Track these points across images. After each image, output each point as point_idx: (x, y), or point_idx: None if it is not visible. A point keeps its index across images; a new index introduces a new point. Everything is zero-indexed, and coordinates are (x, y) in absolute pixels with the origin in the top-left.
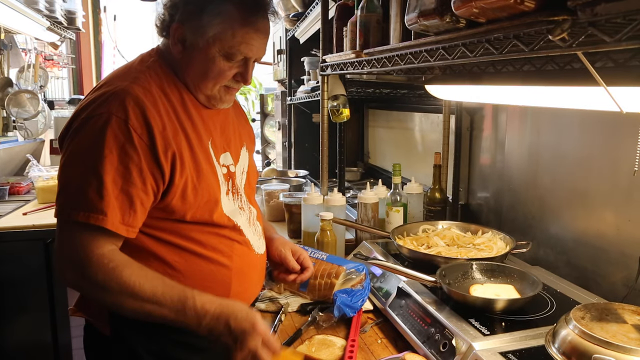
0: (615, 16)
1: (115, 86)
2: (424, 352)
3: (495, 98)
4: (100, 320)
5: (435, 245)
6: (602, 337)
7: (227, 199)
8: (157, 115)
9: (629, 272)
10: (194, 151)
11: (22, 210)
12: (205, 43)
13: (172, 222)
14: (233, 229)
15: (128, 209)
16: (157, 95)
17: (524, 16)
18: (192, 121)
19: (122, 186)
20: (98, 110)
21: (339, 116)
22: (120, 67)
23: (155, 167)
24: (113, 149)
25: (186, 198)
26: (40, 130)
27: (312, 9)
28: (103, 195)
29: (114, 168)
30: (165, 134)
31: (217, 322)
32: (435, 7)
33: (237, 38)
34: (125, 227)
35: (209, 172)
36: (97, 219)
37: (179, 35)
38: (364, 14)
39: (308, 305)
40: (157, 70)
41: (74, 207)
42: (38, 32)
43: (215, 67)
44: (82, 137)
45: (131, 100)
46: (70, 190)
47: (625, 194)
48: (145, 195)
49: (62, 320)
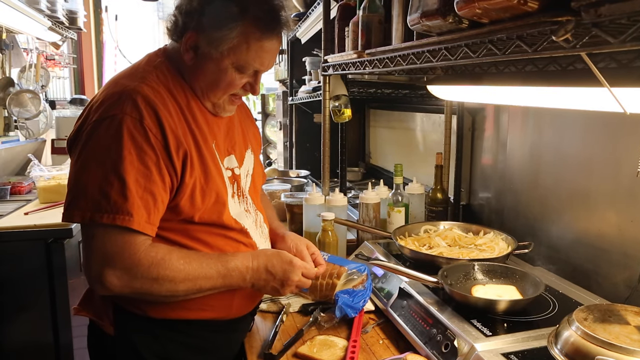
0: (620, 17)
1: (125, 86)
2: (425, 353)
3: (497, 98)
4: (104, 319)
5: (437, 246)
6: (605, 339)
7: (232, 201)
8: (168, 114)
9: (631, 273)
10: (202, 152)
11: (24, 210)
12: (220, 55)
13: (180, 223)
14: (240, 232)
15: (152, 207)
16: (165, 95)
17: (527, 17)
18: (198, 123)
19: (145, 185)
20: (111, 112)
21: (340, 116)
22: (126, 68)
23: (170, 166)
24: (132, 149)
25: (194, 199)
26: (41, 130)
27: (314, 9)
28: (127, 196)
29: (134, 168)
30: (177, 133)
31: (258, 273)
32: (437, 8)
33: (252, 53)
34: (151, 227)
35: (216, 174)
36: (124, 220)
37: (192, 43)
38: (365, 14)
39: (309, 306)
40: (164, 71)
41: (97, 209)
42: (39, 32)
43: (226, 78)
44: (97, 139)
45: (143, 100)
46: (90, 193)
47: (628, 195)
48: (165, 194)
49: (63, 321)
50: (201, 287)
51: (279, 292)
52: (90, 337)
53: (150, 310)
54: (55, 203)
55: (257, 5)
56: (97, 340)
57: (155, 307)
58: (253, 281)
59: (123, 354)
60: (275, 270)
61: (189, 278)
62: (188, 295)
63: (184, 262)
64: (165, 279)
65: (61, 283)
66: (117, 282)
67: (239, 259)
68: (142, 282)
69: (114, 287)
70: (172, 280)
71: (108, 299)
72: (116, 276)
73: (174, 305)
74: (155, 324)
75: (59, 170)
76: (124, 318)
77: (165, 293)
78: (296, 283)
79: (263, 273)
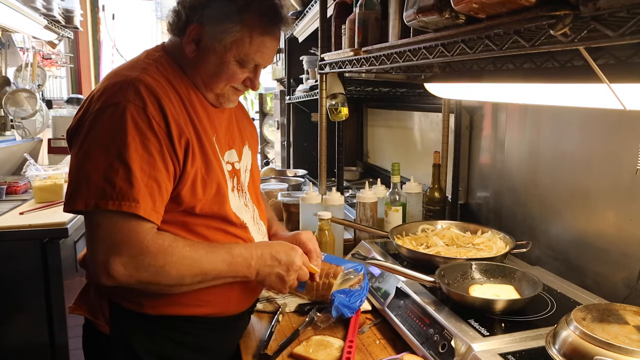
0: (619, 10)
1: (127, 76)
2: (422, 353)
3: (495, 96)
4: (99, 318)
5: (435, 245)
6: (604, 339)
7: (233, 195)
8: (170, 103)
9: (630, 272)
10: (202, 143)
11: (19, 209)
12: (222, 48)
13: (181, 215)
14: (240, 227)
15: (157, 195)
16: (166, 85)
17: (524, 11)
18: (198, 115)
19: (150, 173)
20: (114, 100)
21: (337, 115)
22: (125, 62)
23: (173, 154)
24: (136, 136)
25: (195, 189)
26: (38, 130)
27: (311, 7)
28: (133, 183)
29: (139, 155)
30: (179, 121)
31: (263, 259)
32: (434, 3)
33: (254, 47)
34: (157, 214)
35: (217, 166)
36: (130, 207)
37: (195, 36)
38: (362, 12)
39: (306, 306)
40: (164, 64)
41: (102, 197)
42: (36, 30)
43: (228, 71)
44: (100, 127)
45: (145, 89)
46: (94, 180)
47: (627, 194)
48: (169, 182)
49: (59, 321)
50: (207, 274)
51: (284, 280)
52: (86, 337)
53: (146, 306)
54: (51, 203)
55: (260, 1)
56: (92, 340)
57: (152, 303)
58: (258, 268)
59: (119, 353)
60: (280, 256)
61: (195, 265)
62: (193, 285)
63: (190, 249)
64: (172, 266)
65: (56, 283)
66: (124, 271)
67: (242, 247)
68: (149, 271)
69: (120, 276)
70: (179, 268)
71: (104, 297)
72: (123, 264)
73: (170, 301)
74: (151, 321)
75: (55, 169)
76: (120, 316)
77: (171, 282)
78: (299, 269)
79: (268, 259)
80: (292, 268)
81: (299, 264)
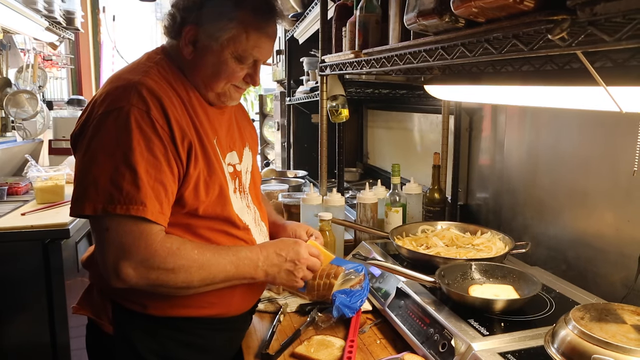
0: (615, 15)
1: (129, 80)
2: (423, 353)
3: (495, 98)
4: (103, 318)
5: (434, 246)
6: (602, 338)
7: (235, 197)
8: (172, 106)
9: (628, 272)
10: (204, 145)
11: (21, 210)
12: (219, 46)
13: (184, 217)
14: (242, 229)
15: (164, 198)
16: (168, 88)
17: (523, 16)
18: (199, 117)
19: (156, 176)
20: (118, 104)
21: (337, 116)
22: (126, 65)
23: (177, 156)
24: (140, 140)
25: (198, 191)
26: (39, 131)
27: (311, 10)
28: (140, 186)
29: (144, 159)
30: (181, 124)
31: (269, 259)
32: (434, 7)
33: (251, 42)
34: (164, 217)
35: (218, 168)
36: (138, 210)
37: (191, 37)
38: (363, 14)
39: (307, 306)
40: (165, 67)
41: (110, 201)
42: (37, 32)
43: (227, 69)
44: (105, 132)
45: (148, 92)
46: (101, 185)
47: (625, 194)
48: (174, 184)
49: (60, 321)
50: (215, 276)
51: (294, 274)
52: (89, 337)
53: (150, 307)
54: (53, 204)
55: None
56: (95, 340)
57: (155, 304)
58: (266, 268)
59: (122, 352)
60: (285, 252)
61: (204, 267)
62: (201, 287)
63: (198, 252)
64: (181, 269)
65: (58, 283)
66: (134, 274)
67: (247, 249)
68: (159, 273)
69: (130, 279)
70: (188, 270)
71: (107, 297)
72: (132, 268)
73: (174, 302)
74: (154, 322)
75: (56, 170)
76: (123, 316)
77: (180, 284)
78: (306, 261)
79: (274, 257)
80: (299, 261)
81: (306, 256)
